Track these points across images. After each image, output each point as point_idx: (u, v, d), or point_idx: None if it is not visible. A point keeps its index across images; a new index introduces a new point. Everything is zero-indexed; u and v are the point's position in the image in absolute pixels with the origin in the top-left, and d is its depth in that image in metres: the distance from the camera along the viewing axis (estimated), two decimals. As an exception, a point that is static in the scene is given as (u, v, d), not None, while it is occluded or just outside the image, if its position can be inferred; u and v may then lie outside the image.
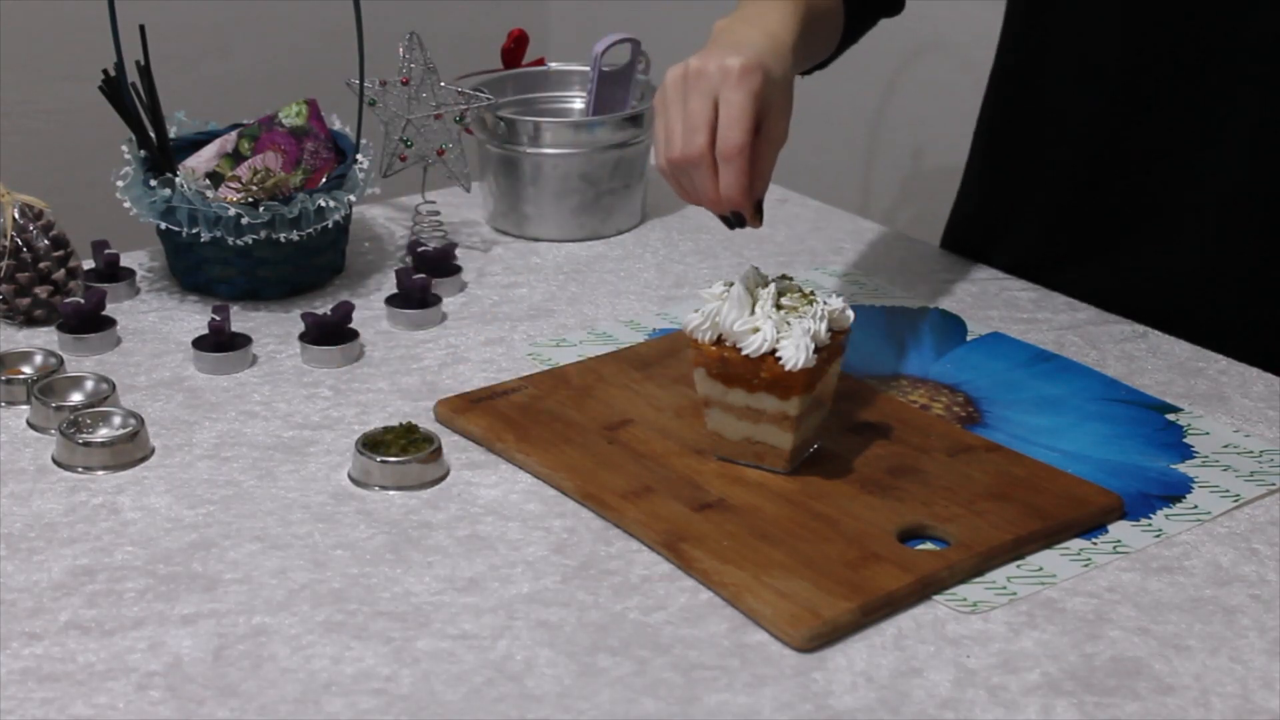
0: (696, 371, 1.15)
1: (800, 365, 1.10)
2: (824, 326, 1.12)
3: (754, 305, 1.13)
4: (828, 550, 1.07)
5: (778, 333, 1.11)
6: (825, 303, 1.14)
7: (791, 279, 1.17)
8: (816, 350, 1.11)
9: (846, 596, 1.02)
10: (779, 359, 1.11)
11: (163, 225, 1.41)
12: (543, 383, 1.29)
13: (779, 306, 1.13)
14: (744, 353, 1.12)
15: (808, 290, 1.16)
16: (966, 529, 1.09)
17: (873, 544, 1.08)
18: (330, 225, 1.42)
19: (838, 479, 1.15)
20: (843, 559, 1.06)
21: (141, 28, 1.39)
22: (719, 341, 1.13)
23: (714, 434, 1.16)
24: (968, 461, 1.17)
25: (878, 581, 1.04)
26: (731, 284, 1.14)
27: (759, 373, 1.11)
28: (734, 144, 1.14)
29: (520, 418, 1.23)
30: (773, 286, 1.14)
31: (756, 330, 1.11)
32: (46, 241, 1.39)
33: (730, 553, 1.07)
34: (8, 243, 1.37)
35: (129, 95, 1.42)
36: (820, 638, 1.00)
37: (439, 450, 1.17)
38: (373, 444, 1.16)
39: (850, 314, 1.16)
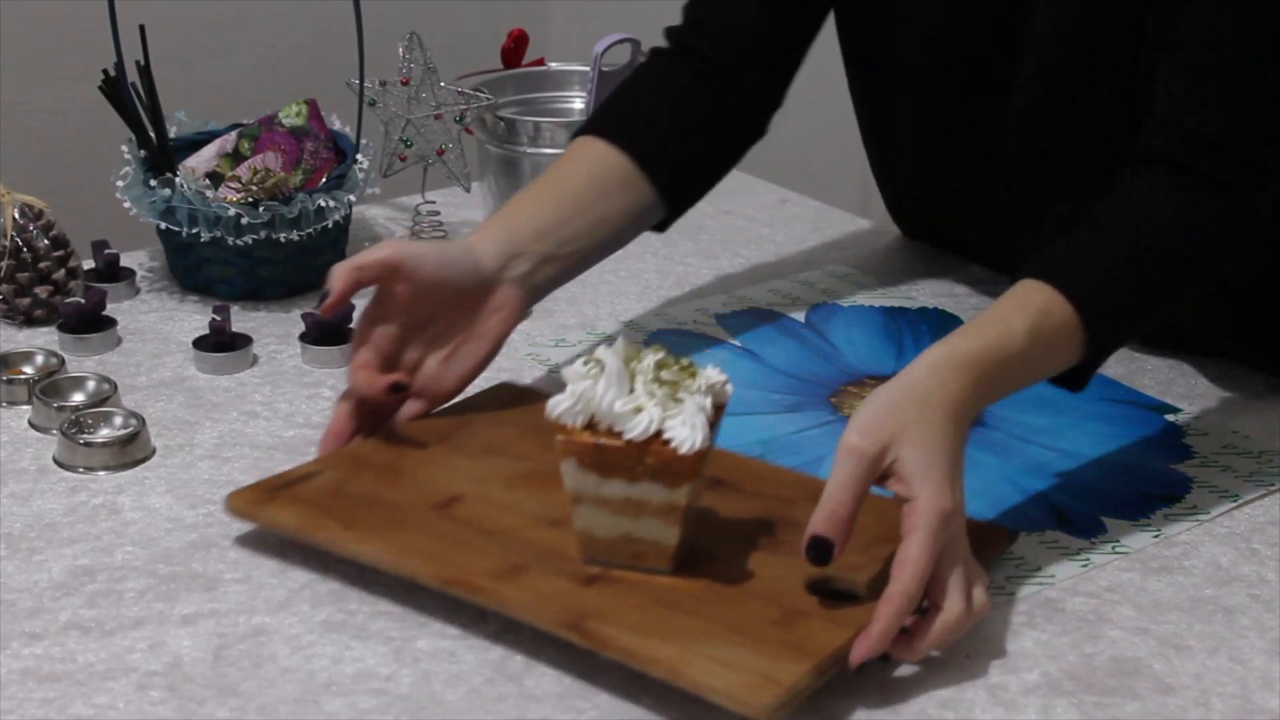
0: (565, 463, 0.99)
1: (696, 447, 0.96)
2: (709, 402, 0.99)
3: (632, 382, 0.99)
4: (744, 613, 0.97)
5: (664, 411, 0.97)
6: (705, 374, 1.01)
7: (665, 350, 1.01)
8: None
9: (794, 659, 0.92)
10: (668, 441, 0.97)
11: (163, 225, 1.41)
12: (340, 465, 1.12)
13: (659, 382, 0.99)
14: (626, 437, 0.97)
15: (685, 362, 1.01)
16: (873, 576, 0.99)
17: (790, 600, 0.98)
18: (330, 225, 1.43)
19: (713, 541, 1.03)
20: (767, 619, 0.96)
21: (141, 28, 1.39)
22: (590, 426, 0.99)
23: (583, 534, 1.00)
24: None
25: (818, 639, 0.94)
26: (598, 360, 0.99)
27: (643, 459, 0.97)
28: None
29: (333, 503, 1.06)
30: (650, 359, 0.99)
31: (640, 410, 0.97)
32: (46, 241, 1.39)
33: (645, 625, 0.95)
34: (8, 243, 1.37)
35: (129, 95, 1.42)
36: (786, 706, 0.90)
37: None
38: None
39: (729, 388, 1.01)
